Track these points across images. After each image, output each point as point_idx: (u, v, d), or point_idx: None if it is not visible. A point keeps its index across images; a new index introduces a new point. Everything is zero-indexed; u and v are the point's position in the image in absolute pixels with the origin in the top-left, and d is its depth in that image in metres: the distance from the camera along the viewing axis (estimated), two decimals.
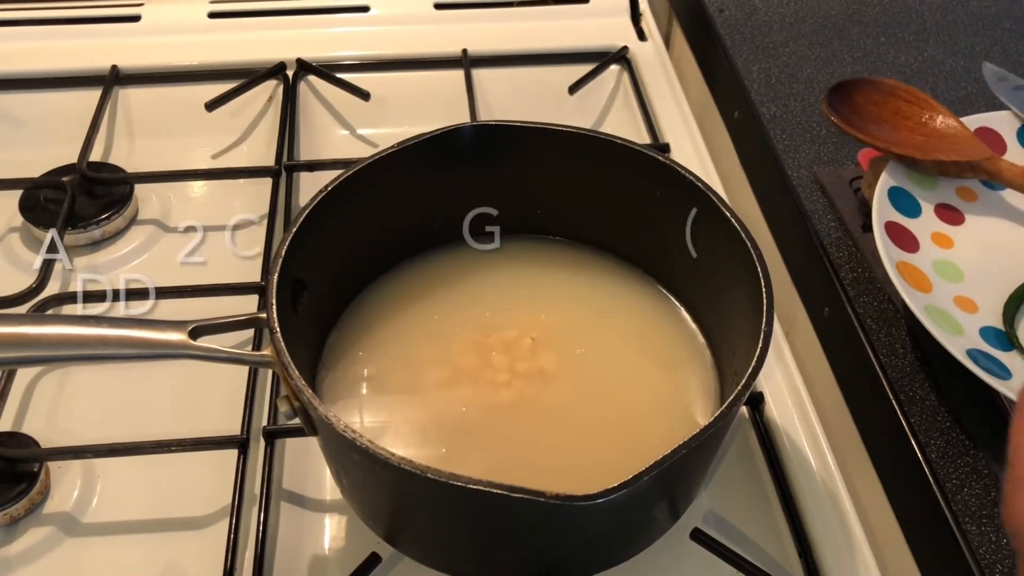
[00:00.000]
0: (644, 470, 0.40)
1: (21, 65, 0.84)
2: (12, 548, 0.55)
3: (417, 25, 0.91)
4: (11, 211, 0.73)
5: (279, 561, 0.54)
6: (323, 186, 0.53)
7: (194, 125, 0.81)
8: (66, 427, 0.60)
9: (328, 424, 0.42)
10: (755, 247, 0.50)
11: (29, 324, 0.46)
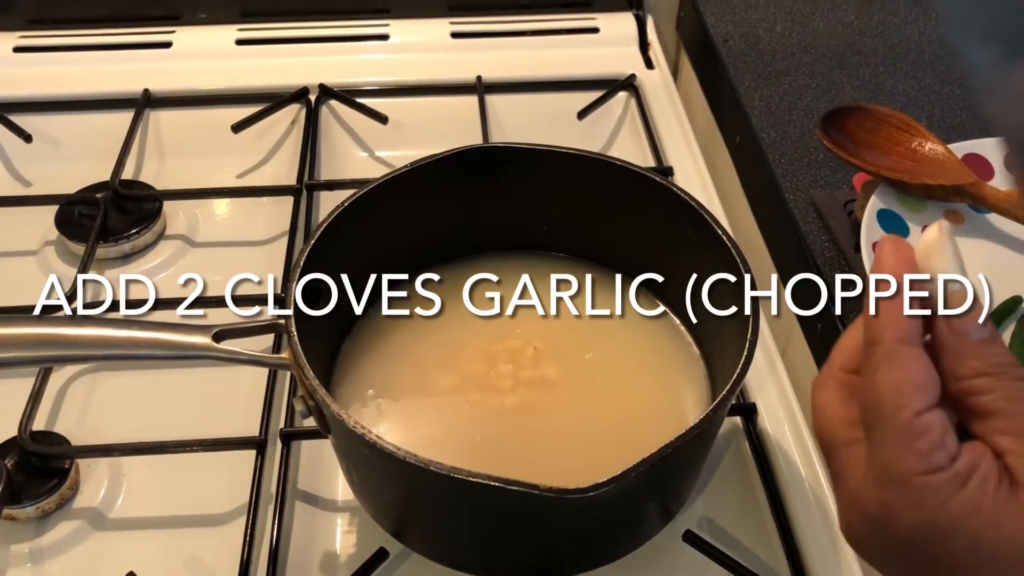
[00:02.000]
0: (632, 466, 0.43)
1: (59, 88, 0.89)
2: (43, 540, 0.58)
3: (434, 53, 0.95)
4: (47, 225, 0.77)
5: (293, 557, 0.57)
6: (340, 202, 0.57)
7: (221, 146, 0.85)
8: (95, 427, 0.64)
9: (340, 420, 0.45)
10: (744, 264, 0.53)
11: (67, 326, 0.49)
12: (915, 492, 0.30)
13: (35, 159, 0.86)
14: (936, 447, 0.30)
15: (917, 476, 0.30)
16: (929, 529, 0.30)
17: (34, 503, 0.58)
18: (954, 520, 0.30)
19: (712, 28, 0.93)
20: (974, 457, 0.31)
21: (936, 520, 0.30)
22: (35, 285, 0.73)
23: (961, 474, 0.30)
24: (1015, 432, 0.31)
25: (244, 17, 0.96)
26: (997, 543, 0.30)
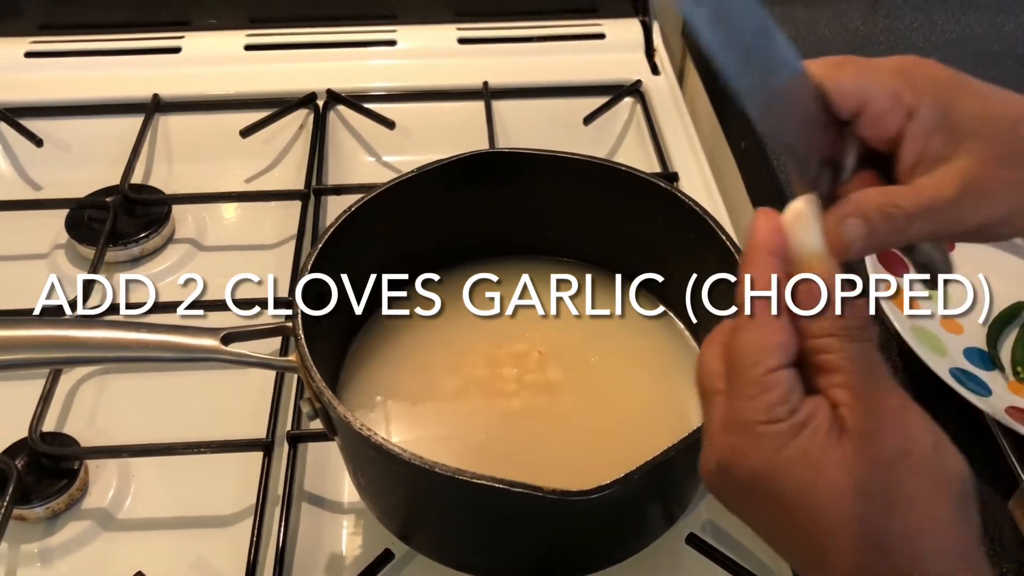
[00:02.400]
0: (635, 469, 0.43)
1: (69, 93, 0.90)
2: (53, 540, 0.59)
3: (441, 59, 0.95)
4: (58, 229, 0.78)
5: (299, 558, 0.57)
6: (348, 207, 0.58)
7: (229, 150, 0.86)
8: (104, 429, 0.65)
9: (346, 422, 0.46)
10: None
11: (77, 328, 0.50)
12: (756, 439, 0.34)
13: (46, 163, 0.86)
14: (780, 401, 0.34)
15: (759, 425, 0.34)
16: (766, 472, 0.34)
17: (44, 503, 0.59)
18: (786, 464, 0.33)
19: None
20: (811, 410, 0.34)
21: (772, 463, 0.34)
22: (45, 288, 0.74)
23: (797, 424, 0.34)
24: (850, 387, 0.34)
25: (253, 23, 0.96)
26: (818, 483, 0.33)
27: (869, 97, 0.36)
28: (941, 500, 0.33)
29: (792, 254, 0.36)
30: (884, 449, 0.33)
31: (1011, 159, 0.36)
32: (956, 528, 0.32)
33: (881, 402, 0.34)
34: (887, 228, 0.36)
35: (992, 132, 0.36)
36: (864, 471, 0.33)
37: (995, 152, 0.36)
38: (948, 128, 0.36)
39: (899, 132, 0.37)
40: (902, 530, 0.32)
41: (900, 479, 0.32)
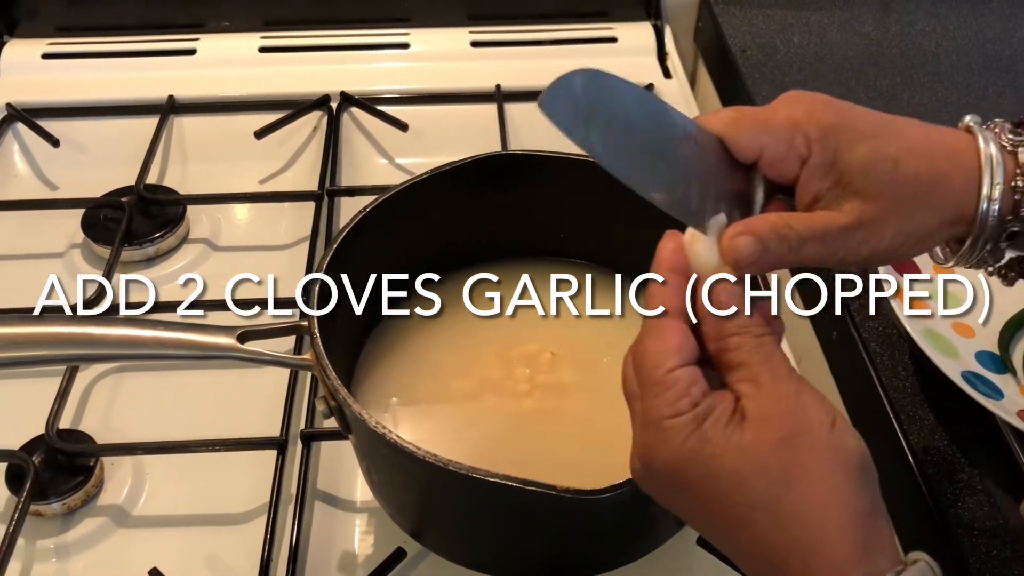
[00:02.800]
0: None
1: (85, 94, 0.91)
2: (69, 536, 0.59)
3: (454, 62, 0.96)
4: (74, 228, 0.79)
5: (312, 556, 0.58)
6: (361, 208, 0.58)
7: (243, 152, 0.86)
8: (120, 426, 0.65)
9: (361, 420, 0.46)
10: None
11: (95, 325, 0.50)
12: (663, 432, 0.37)
13: (62, 163, 0.87)
14: (681, 396, 0.37)
15: (665, 419, 0.37)
16: (675, 461, 0.37)
17: (60, 500, 0.59)
18: (691, 453, 0.37)
19: (730, 38, 0.94)
20: (713, 402, 0.37)
21: (679, 454, 0.37)
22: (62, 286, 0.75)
23: (698, 416, 0.37)
24: (751, 379, 0.37)
25: (267, 25, 0.97)
26: (720, 469, 0.36)
27: (764, 147, 0.41)
28: (833, 474, 0.35)
29: (693, 269, 0.40)
30: (780, 432, 0.36)
31: (896, 197, 0.40)
32: (847, 498, 0.35)
33: (778, 389, 0.37)
34: (779, 247, 0.39)
35: (877, 173, 0.40)
36: (762, 453, 0.36)
37: (881, 191, 0.40)
38: (837, 173, 0.40)
39: (796, 175, 0.41)
40: (796, 502, 0.35)
41: (795, 457, 0.36)
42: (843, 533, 0.35)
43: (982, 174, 0.40)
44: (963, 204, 0.41)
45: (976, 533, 0.54)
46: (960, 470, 0.57)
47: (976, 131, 0.42)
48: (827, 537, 0.35)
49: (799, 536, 0.35)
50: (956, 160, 0.41)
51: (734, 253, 0.39)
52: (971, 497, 0.55)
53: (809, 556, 0.35)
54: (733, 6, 0.98)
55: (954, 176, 0.41)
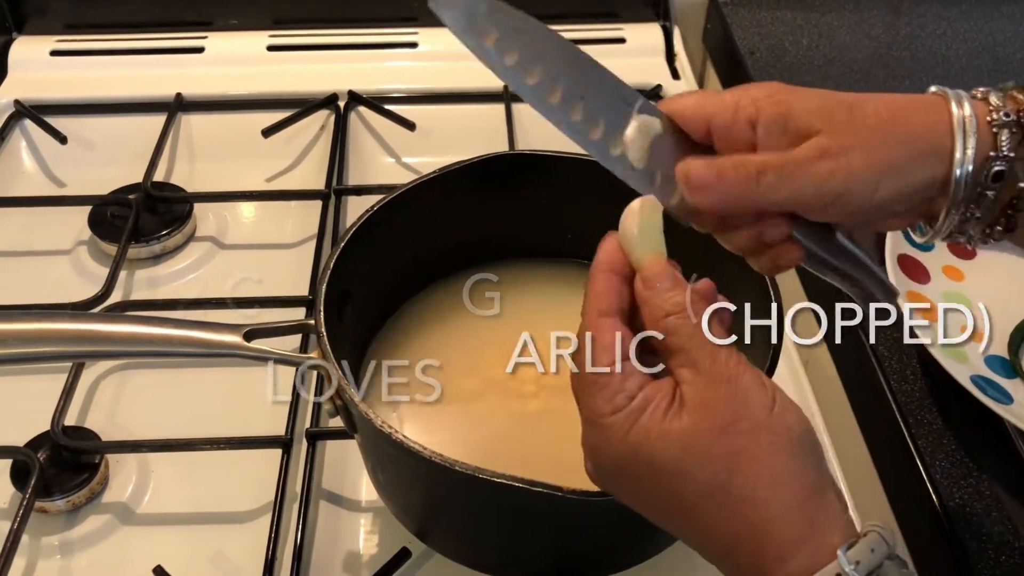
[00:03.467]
0: None
1: (93, 91, 0.91)
2: (73, 533, 0.59)
3: (462, 61, 0.93)
4: (81, 225, 0.79)
5: (316, 555, 0.58)
6: (368, 207, 0.58)
7: (251, 150, 0.86)
8: (125, 424, 0.65)
9: (367, 420, 0.46)
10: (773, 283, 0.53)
11: (101, 322, 0.50)
12: (605, 430, 0.38)
13: (69, 160, 0.87)
14: (617, 392, 0.37)
15: (604, 417, 0.38)
16: (621, 459, 0.37)
17: (65, 496, 0.59)
18: (634, 448, 0.37)
19: (739, 40, 0.94)
20: (650, 393, 0.37)
21: (622, 449, 0.37)
22: (68, 284, 0.75)
23: (635, 410, 0.37)
24: (689, 364, 0.37)
25: (276, 24, 0.97)
26: (663, 462, 0.36)
27: (711, 115, 0.40)
28: (776, 455, 0.36)
29: (623, 246, 0.40)
30: (719, 418, 0.36)
31: (858, 128, 0.38)
32: (793, 477, 0.36)
33: (718, 373, 0.37)
34: (736, 173, 0.38)
35: (833, 114, 0.38)
36: (703, 442, 0.36)
37: (840, 128, 0.38)
38: (792, 127, 0.39)
39: (749, 142, 0.39)
40: (742, 486, 0.35)
41: (737, 444, 0.36)
42: (790, 513, 0.35)
43: (954, 132, 0.39)
44: (934, 137, 0.39)
45: (984, 539, 0.53)
46: (969, 475, 0.56)
47: (945, 92, 0.40)
48: (775, 517, 0.35)
49: (748, 520, 0.35)
50: (919, 104, 0.40)
51: (686, 176, 0.38)
52: (979, 503, 0.55)
53: (758, 538, 0.35)
54: (742, 7, 0.98)
55: (917, 113, 0.39)
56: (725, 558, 0.37)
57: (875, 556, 0.34)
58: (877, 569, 0.34)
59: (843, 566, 0.34)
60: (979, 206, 0.40)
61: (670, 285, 0.39)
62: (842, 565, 0.34)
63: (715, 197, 0.39)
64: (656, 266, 0.39)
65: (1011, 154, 0.39)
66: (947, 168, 0.39)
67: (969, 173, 0.39)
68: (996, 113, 0.39)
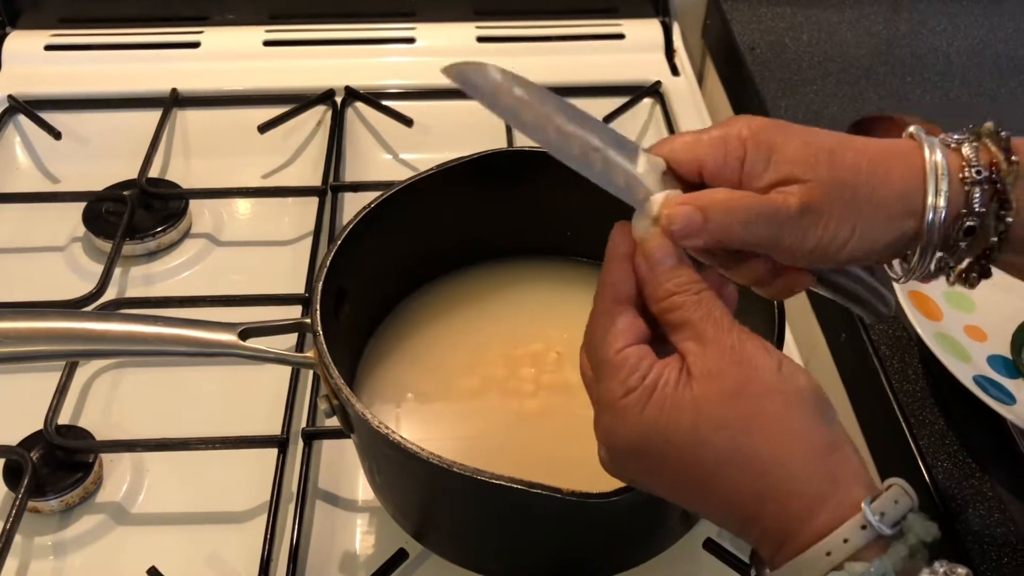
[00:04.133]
0: None
1: (88, 86, 0.90)
2: (67, 533, 0.59)
3: (460, 57, 0.93)
4: (75, 222, 0.78)
5: (312, 556, 0.57)
6: (366, 204, 0.57)
7: (247, 146, 0.86)
8: (119, 423, 0.64)
9: (364, 420, 0.46)
10: None
11: (95, 321, 0.50)
12: (620, 412, 0.38)
13: (64, 156, 0.87)
14: (631, 372, 0.38)
15: (619, 399, 0.38)
16: (636, 437, 0.38)
17: (58, 496, 0.59)
18: (649, 423, 0.37)
19: (738, 36, 0.93)
20: (660, 369, 0.38)
21: (638, 429, 0.37)
22: (62, 281, 0.74)
23: (649, 387, 0.37)
24: (695, 337, 0.38)
25: (272, 19, 0.96)
26: (678, 432, 0.37)
27: (702, 158, 0.41)
28: (790, 415, 0.36)
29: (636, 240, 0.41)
30: (729, 383, 0.36)
31: (839, 185, 0.40)
32: (808, 435, 0.36)
33: (722, 342, 0.37)
34: (725, 219, 0.39)
35: (815, 161, 0.40)
36: (716, 407, 0.36)
37: (823, 178, 0.39)
38: (775, 164, 0.40)
39: (739, 179, 0.41)
40: (759, 448, 0.36)
41: (749, 406, 0.36)
42: (810, 469, 0.35)
43: (927, 180, 0.40)
44: (908, 197, 0.40)
45: (986, 540, 0.53)
46: (971, 476, 0.56)
47: (920, 138, 0.42)
48: (795, 475, 0.35)
49: (769, 481, 0.36)
50: (895, 155, 0.41)
51: (671, 220, 0.39)
52: (982, 504, 0.55)
53: (782, 497, 0.35)
54: (742, 3, 0.97)
55: (894, 169, 0.40)
56: (750, 525, 0.37)
57: (899, 507, 0.35)
58: (902, 520, 0.35)
59: (868, 518, 0.34)
60: (952, 255, 0.42)
61: (672, 263, 0.39)
62: (867, 517, 0.34)
63: (700, 238, 0.40)
64: (656, 242, 0.40)
65: (982, 210, 0.40)
66: (919, 224, 0.40)
67: (940, 228, 0.40)
68: (968, 170, 0.40)
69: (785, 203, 0.39)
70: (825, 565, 0.34)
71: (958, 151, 0.41)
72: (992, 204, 0.40)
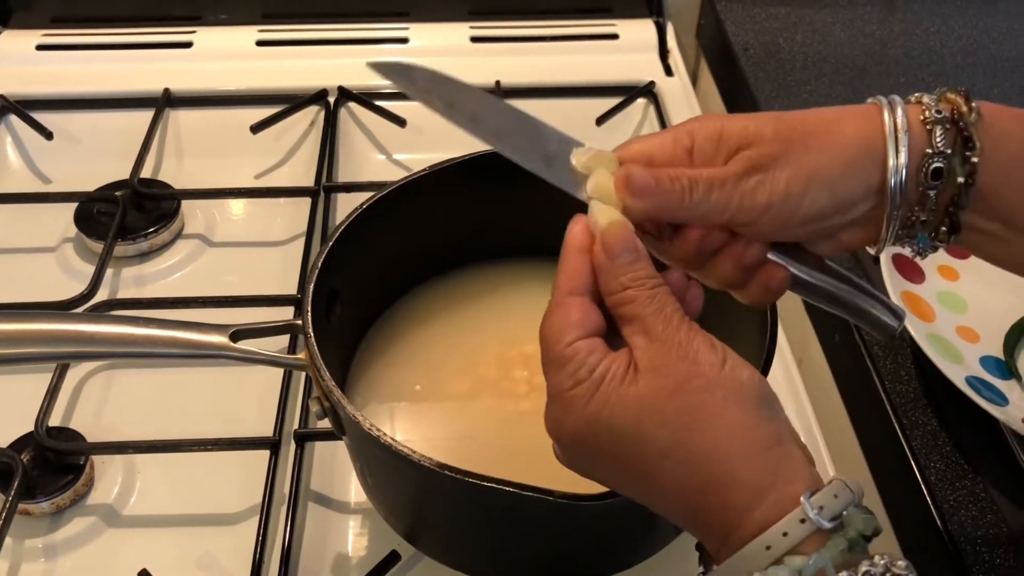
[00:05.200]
0: None
1: (80, 86, 0.89)
2: (57, 536, 0.58)
3: (453, 57, 0.95)
4: (67, 222, 0.78)
5: (304, 557, 0.57)
6: (358, 205, 0.57)
7: (239, 146, 0.85)
8: (111, 424, 0.64)
9: (355, 422, 0.45)
10: None
11: (85, 323, 0.49)
12: (567, 404, 0.38)
13: (56, 156, 0.86)
14: (580, 366, 0.38)
15: (566, 392, 0.38)
16: (582, 429, 0.38)
17: (49, 498, 0.58)
18: (594, 417, 0.37)
19: (732, 36, 0.93)
20: (608, 363, 0.38)
21: (582, 421, 0.38)
22: (54, 282, 0.74)
23: (596, 380, 0.38)
24: (644, 332, 0.38)
25: (265, 18, 0.96)
26: (622, 425, 0.37)
27: (650, 151, 0.42)
28: (730, 409, 0.36)
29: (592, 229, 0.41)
30: (672, 379, 0.37)
31: (784, 140, 0.40)
32: (749, 430, 0.36)
33: (669, 338, 0.37)
34: (672, 185, 0.40)
35: (761, 129, 0.40)
36: (658, 402, 0.37)
37: (768, 139, 0.40)
38: (724, 145, 0.41)
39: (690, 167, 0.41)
40: (699, 442, 0.36)
41: (691, 400, 0.36)
42: (751, 462, 0.36)
43: (885, 126, 0.40)
44: (866, 145, 0.40)
45: (979, 541, 0.53)
46: (963, 477, 0.56)
47: (879, 99, 0.41)
48: (736, 468, 0.36)
49: (710, 474, 0.36)
50: (849, 112, 0.41)
51: (626, 179, 0.40)
52: (974, 504, 0.55)
53: (722, 490, 0.36)
54: (736, 3, 0.97)
55: (847, 122, 0.40)
56: (695, 518, 0.37)
57: (839, 501, 0.35)
58: (842, 514, 0.34)
59: (807, 511, 0.34)
60: (923, 208, 0.41)
61: (631, 258, 0.39)
62: (806, 511, 0.34)
63: (652, 201, 0.40)
64: (617, 234, 0.40)
65: (947, 150, 0.40)
66: (882, 174, 0.40)
67: (905, 174, 0.40)
68: (928, 111, 0.40)
69: (730, 169, 0.40)
70: (765, 559, 0.34)
71: (919, 103, 0.41)
72: (957, 144, 0.40)
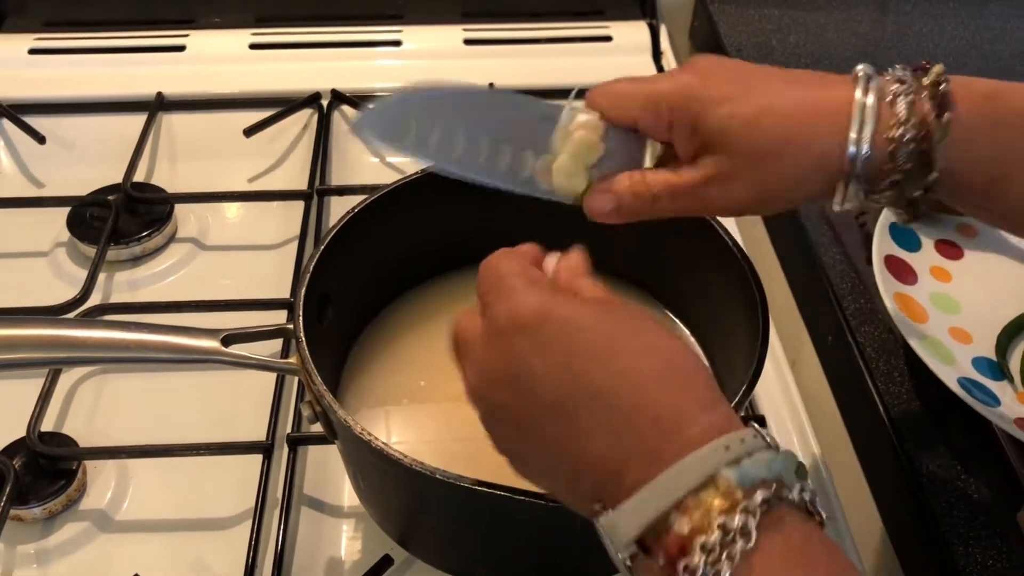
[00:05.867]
0: None
1: (72, 90, 0.89)
2: (50, 541, 0.58)
3: (447, 59, 0.95)
4: (59, 226, 0.77)
5: (298, 562, 0.57)
6: (351, 208, 0.57)
7: (233, 150, 0.85)
8: (103, 429, 0.64)
9: (347, 427, 0.45)
10: (752, 272, 0.53)
11: (76, 328, 0.49)
12: (512, 295, 0.40)
13: (48, 160, 0.86)
14: (535, 278, 0.41)
15: (521, 292, 0.39)
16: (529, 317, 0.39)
17: (41, 504, 0.58)
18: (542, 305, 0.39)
19: (725, 38, 0.93)
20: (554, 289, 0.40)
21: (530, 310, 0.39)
22: (46, 286, 0.74)
23: (545, 285, 0.41)
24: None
25: (258, 22, 0.96)
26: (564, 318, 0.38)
27: (637, 119, 0.46)
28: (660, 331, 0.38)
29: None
30: (604, 303, 0.39)
31: (750, 153, 0.43)
32: (695, 371, 0.37)
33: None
34: (633, 202, 0.46)
35: (733, 135, 0.43)
36: (595, 311, 0.38)
37: (737, 149, 0.43)
38: (699, 137, 0.44)
39: (670, 139, 0.46)
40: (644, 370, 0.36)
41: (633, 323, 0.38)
42: (695, 379, 0.36)
43: (851, 121, 0.42)
44: (831, 150, 0.42)
45: (972, 543, 0.53)
46: (956, 478, 0.56)
47: (859, 81, 0.44)
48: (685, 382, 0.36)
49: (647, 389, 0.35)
50: (821, 113, 0.43)
51: (590, 209, 0.47)
52: (967, 506, 0.55)
53: (663, 410, 0.35)
54: (729, 5, 0.97)
55: (818, 125, 0.43)
56: (615, 450, 0.36)
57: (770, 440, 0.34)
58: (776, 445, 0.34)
59: (758, 428, 0.34)
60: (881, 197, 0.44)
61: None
62: (755, 428, 0.34)
63: (619, 219, 0.47)
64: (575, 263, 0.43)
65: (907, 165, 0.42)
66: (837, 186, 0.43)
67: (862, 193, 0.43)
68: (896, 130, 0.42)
69: (687, 179, 0.45)
70: (725, 457, 0.33)
71: (892, 105, 0.42)
72: (915, 164, 0.42)
